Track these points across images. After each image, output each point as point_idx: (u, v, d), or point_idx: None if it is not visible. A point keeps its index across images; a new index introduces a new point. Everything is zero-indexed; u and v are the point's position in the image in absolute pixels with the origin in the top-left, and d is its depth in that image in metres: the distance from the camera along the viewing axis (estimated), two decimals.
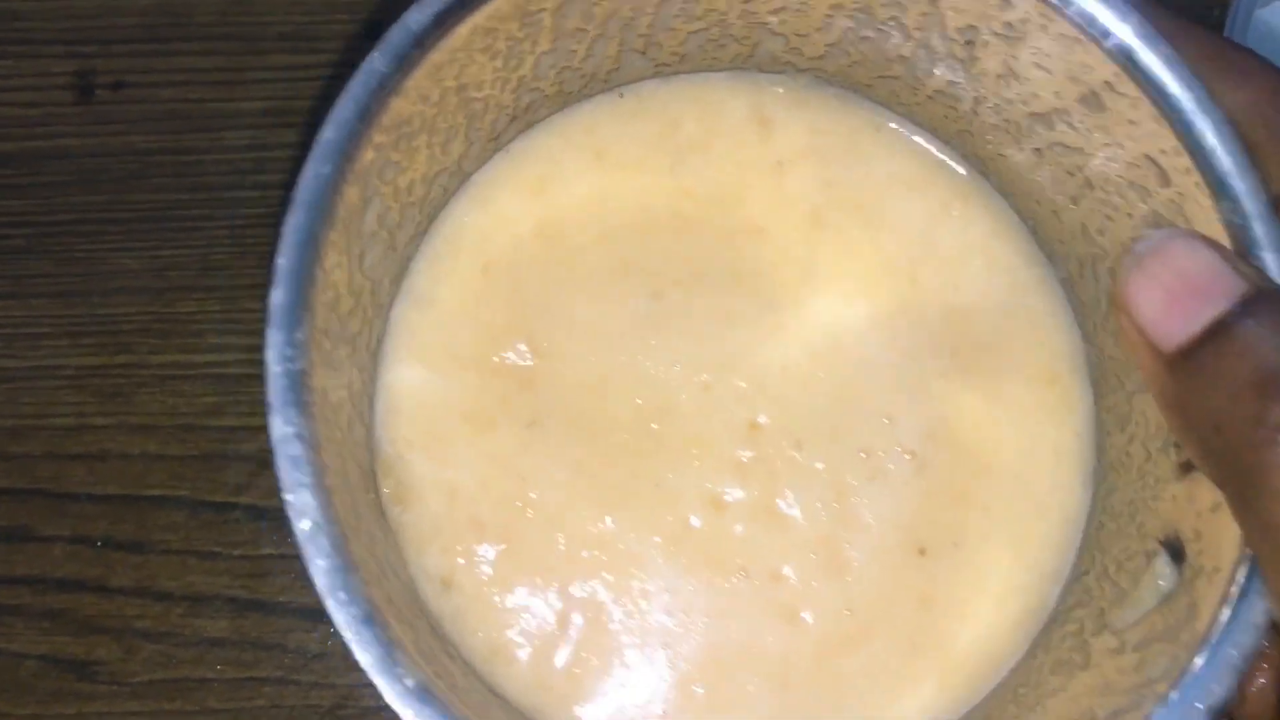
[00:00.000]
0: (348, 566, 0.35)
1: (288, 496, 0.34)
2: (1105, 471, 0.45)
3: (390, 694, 0.34)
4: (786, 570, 0.44)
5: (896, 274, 0.46)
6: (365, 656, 0.34)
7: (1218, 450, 0.34)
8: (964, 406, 0.45)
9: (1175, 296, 0.35)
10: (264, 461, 0.58)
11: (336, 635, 0.53)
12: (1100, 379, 0.45)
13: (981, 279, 0.46)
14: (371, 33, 0.59)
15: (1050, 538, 0.45)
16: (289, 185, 0.58)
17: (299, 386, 0.35)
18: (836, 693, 0.44)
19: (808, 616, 0.44)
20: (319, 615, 0.54)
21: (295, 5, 0.62)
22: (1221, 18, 0.60)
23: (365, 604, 0.35)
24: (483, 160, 0.45)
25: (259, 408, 0.55)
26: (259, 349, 0.56)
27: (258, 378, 0.56)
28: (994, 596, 0.45)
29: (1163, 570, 0.40)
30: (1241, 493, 0.34)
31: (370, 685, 0.35)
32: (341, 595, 0.34)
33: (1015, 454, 0.45)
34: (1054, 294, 0.46)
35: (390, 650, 0.35)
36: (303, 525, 0.34)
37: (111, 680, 0.57)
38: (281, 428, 0.35)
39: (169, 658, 0.58)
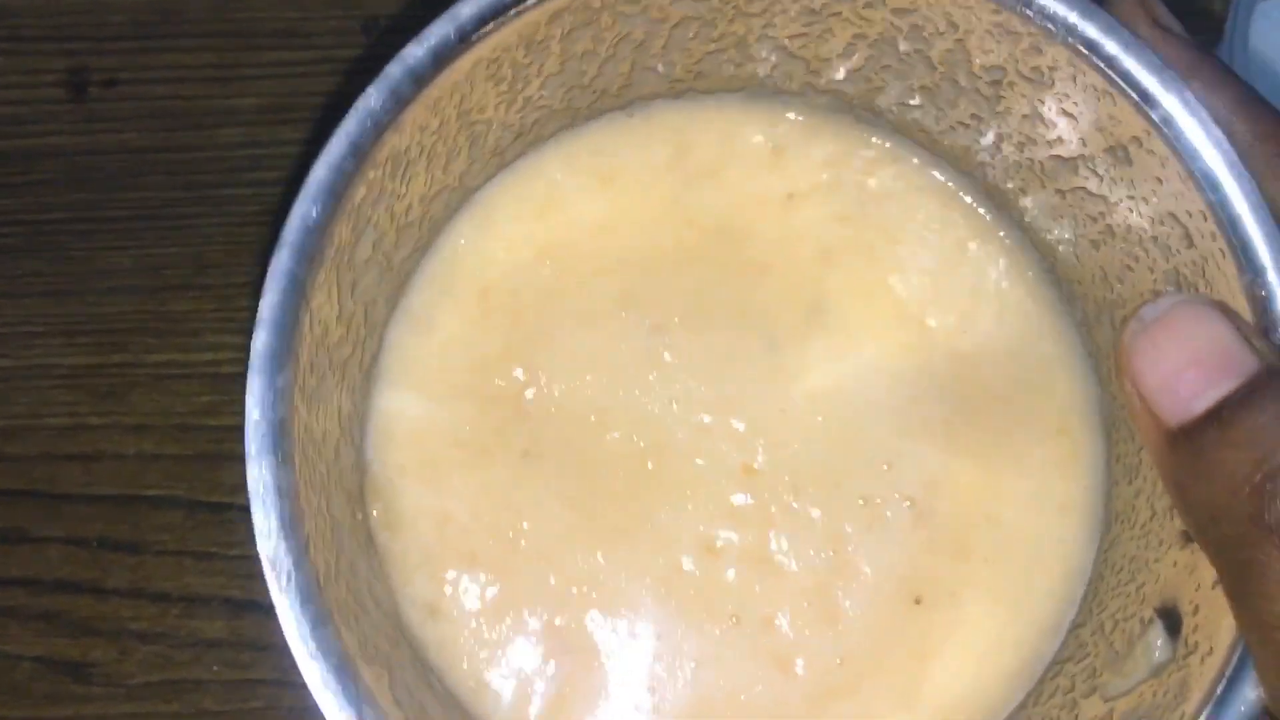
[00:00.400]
0: (320, 618, 0.35)
1: (262, 544, 0.34)
2: (1110, 522, 0.44)
3: None
4: (779, 619, 0.44)
5: (906, 317, 0.45)
6: (331, 706, 0.35)
7: (1214, 538, 0.33)
8: (968, 456, 0.44)
9: (1180, 369, 0.33)
10: None
11: None
12: (1113, 426, 0.45)
13: (994, 323, 0.45)
14: (366, 28, 0.59)
15: (1051, 592, 0.45)
16: (284, 182, 0.58)
17: (279, 434, 0.35)
18: None
19: (799, 666, 0.44)
20: None
21: (288, 1, 0.62)
22: (1224, 13, 0.60)
23: (338, 657, 0.35)
24: (486, 176, 0.44)
25: None
26: None
27: None
28: (989, 650, 0.44)
29: (1157, 640, 0.39)
30: (1235, 585, 0.33)
31: None
32: (312, 645, 0.34)
33: (1019, 506, 0.45)
34: (1069, 340, 0.45)
35: (360, 705, 0.35)
36: (275, 577, 0.34)
37: (107, 682, 0.57)
38: (259, 475, 0.35)
39: (165, 659, 0.57)
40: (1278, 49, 0.60)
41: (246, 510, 0.55)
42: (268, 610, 0.56)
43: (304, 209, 0.35)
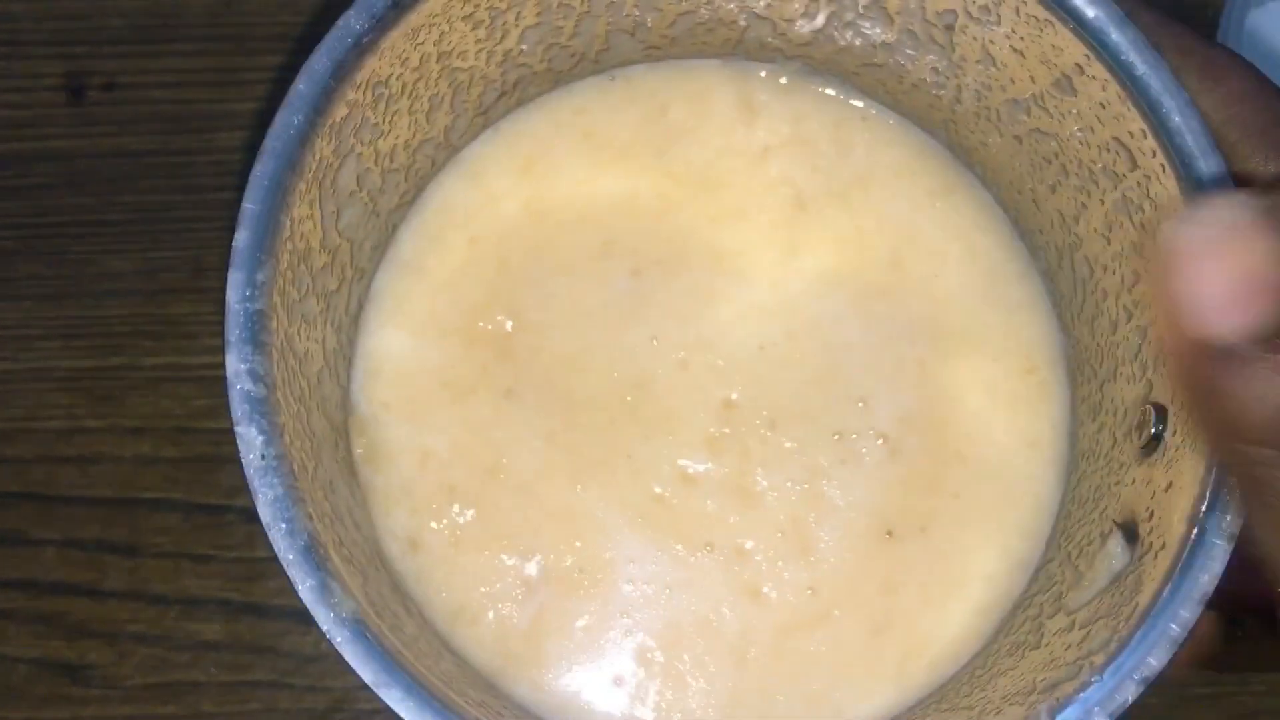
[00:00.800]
0: (293, 499, 0.39)
1: (238, 429, 0.39)
2: (1077, 460, 0.49)
3: (323, 621, 0.39)
4: (750, 546, 0.48)
5: (878, 260, 0.50)
6: (302, 585, 0.39)
7: (1243, 456, 0.34)
8: (940, 393, 0.49)
9: (1242, 287, 0.32)
10: None
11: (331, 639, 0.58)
12: (1075, 370, 0.49)
13: (963, 268, 0.51)
14: None
15: (1022, 526, 0.49)
16: None
17: (257, 326, 0.40)
18: (794, 671, 0.48)
19: (770, 593, 0.48)
20: (313, 619, 0.58)
21: (285, 6, 0.67)
22: (1215, 18, 0.64)
23: (306, 535, 0.39)
24: (472, 135, 0.50)
25: None
26: None
27: None
28: (961, 584, 0.49)
29: (1116, 550, 0.44)
30: (1262, 499, 0.35)
31: (366, 688, 0.39)
32: (284, 526, 0.39)
33: (989, 443, 0.49)
34: (1034, 285, 0.50)
35: (325, 580, 0.39)
36: (250, 457, 0.39)
37: (104, 684, 0.62)
38: (236, 364, 0.40)
39: (162, 661, 0.62)
40: (1269, 51, 0.64)
41: (244, 513, 0.61)
42: (265, 613, 0.61)
43: (285, 118, 0.41)
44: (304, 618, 0.60)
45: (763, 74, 0.51)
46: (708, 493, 0.48)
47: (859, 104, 0.51)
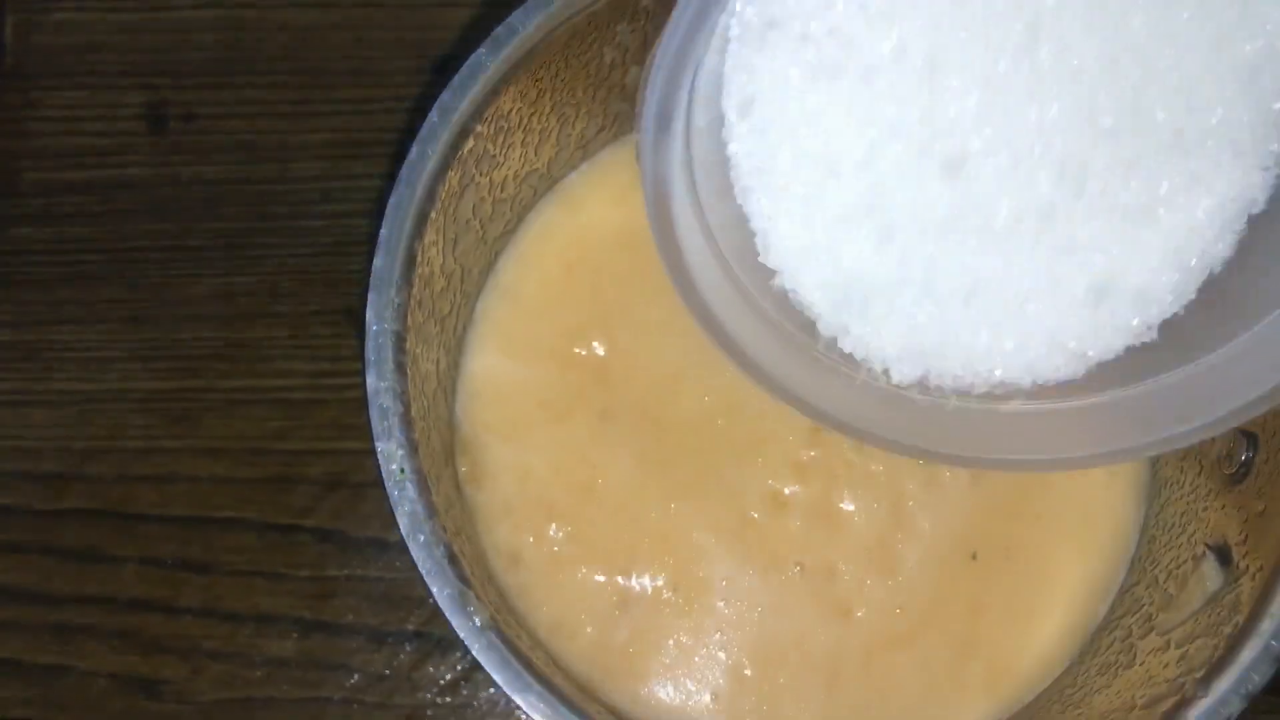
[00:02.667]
0: (430, 511, 0.41)
1: (378, 444, 0.41)
2: (1159, 487, 0.50)
3: (461, 629, 0.40)
4: (841, 567, 0.49)
5: None
6: (441, 594, 0.40)
7: None
8: None
9: None
10: (330, 485, 0.63)
11: (401, 656, 0.59)
12: None
13: None
14: (437, 68, 0.65)
15: (1102, 550, 0.51)
16: (355, 215, 0.64)
17: (394, 346, 0.41)
18: (884, 689, 0.50)
19: (859, 613, 0.49)
20: (384, 636, 0.60)
21: (361, 42, 0.68)
22: None
23: (444, 546, 0.40)
24: (571, 166, 0.52)
25: (324, 432, 0.61)
26: (325, 375, 0.63)
27: (323, 403, 0.62)
28: (1044, 605, 0.50)
29: (1210, 573, 0.45)
30: None
31: (435, 706, 0.40)
32: (421, 537, 0.40)
33: (1068, 472, 0.50)
34: None
35: (462, 590, 0.40)
36: (392, 469, 0.41)
37: (179, 699, 0.63)
38: (376, 382, 0.41)
39: (235, 677, 0.63)
40: None
41: (316, 532, 0.62)
42: (337, 630, 0.62)
43: (419, 150, 0.43)
44: (375, 635, 0.62)
45: None
46: (797, 514, 0.50)
47: None
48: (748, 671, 0.49)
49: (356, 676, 0.62)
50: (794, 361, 0.42)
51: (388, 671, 0.62)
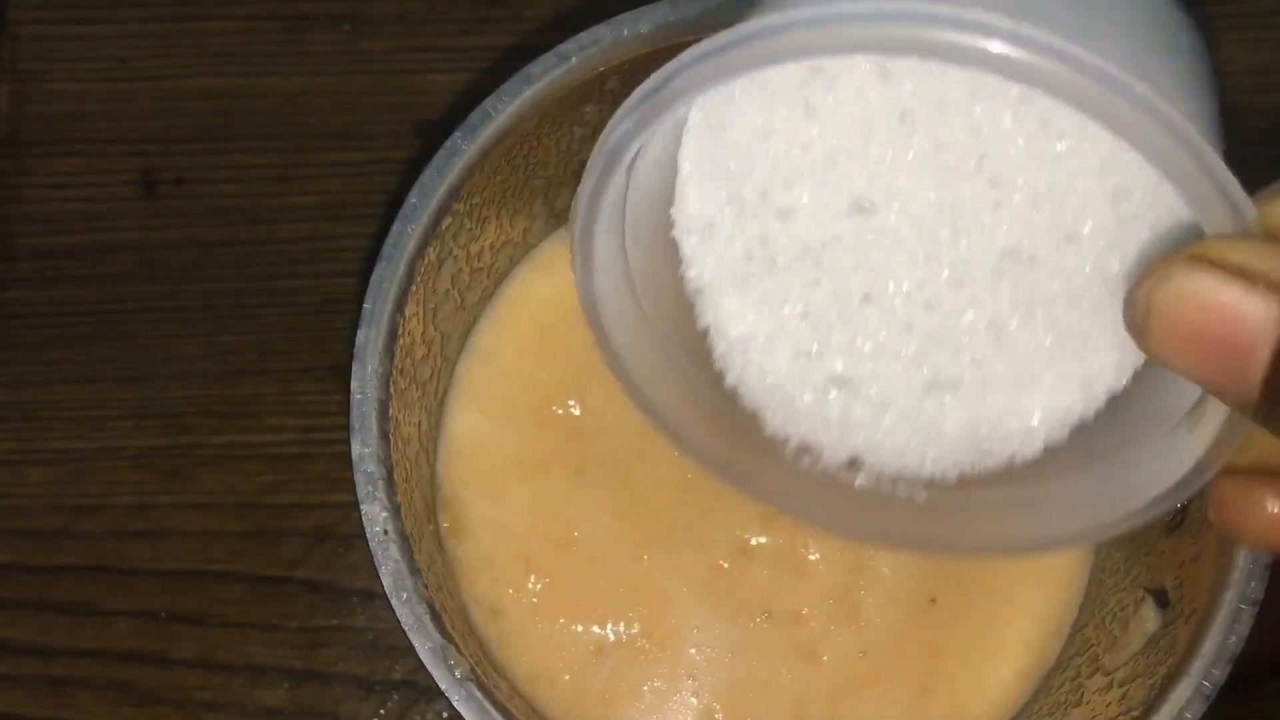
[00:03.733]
0: (412, 569, 0.42)
1: (363, 506, 0.43)
2: None
3: (442, 681, 0.42)
4: (806, 612, 0.51)
5: None
6: (422, 648, 0.42)
7: None
8: None
9: (1214, 362, 0.31)
10: (319, 537, 0.65)
11: (389, 704, 0.60)
12: None
13: None
14: (419, 131, 0.67)
15: (1054, 595, 0.52)
16: (342, 274, 0.66)
17: (378, 414, 0.43)
18: None
19: (825, 657, 0.51)
20: (372, 685, 0.61)
21: (345, 106, 0.70)
22: None
23: (425, 604, 0.42)
24: (546, 233, 0.53)
25: (314, 486, 0.63)
26: (313, 430, 0.64)
27: (313, 457, 0.64)
28: (999, 648, 0.52)
29: (1149, 615, 0.47)
30: None
31: None
32: (404, 595, 0.42)
33: None
34: None
35: (443, 644, 0.42)
36: (376, 530, 0.42)
37: None
38: (360, 448, 0.43)
39: None
40: None
41: (306, 584, 0.64)
42: (327, 679, 0.64)
43: (400, 228, 0.45)
44: (363, 684, 0.63)
45: None
46: (764, 564, 0.51)
47: None
48: (719, 715, 0.51)
49: None
50: (739, 449, 0.43)
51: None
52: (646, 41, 0.48)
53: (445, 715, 0.61)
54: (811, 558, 0.51)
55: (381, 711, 0.63)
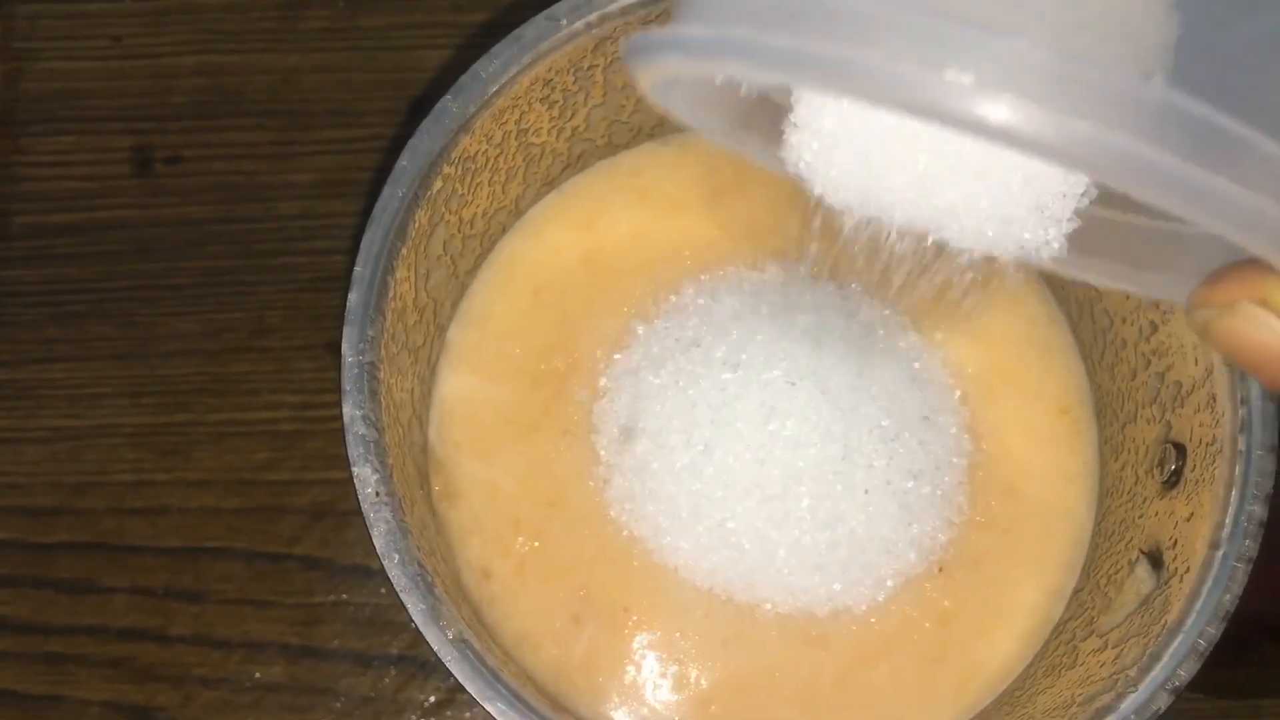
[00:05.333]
0: (403, 531, 0.42)
1: (354, 469, 0.42)
2: (1103, 496, 0.52)
3: (434, 641, 0.42)
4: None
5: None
6: (415, 609, 0.42)
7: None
8: (987, 430, 0.52)
9: (1269, 377, 0.33)
10: (316, 514, 0.65)
11: (386, 680, 0.60)
12: (1101, 410, 0.52)
13: (1004, 313, 0.54)
14: (416, 109, 0.66)
15: (1060, 559, 0.52)
16: (337, 251, 0.66)
17: (369, 376, 0.43)
18: (858, 703, 0.51)
19: (832, 629, 0.50)
20: (369, 660, 0.61)
21: (340, 84, 0.70)
22: None
23: (417, 565, 0.42)
24: (537, 199, 0.53)
25: (310, 463, 0.63)
26: (310, 407, 0.64)
27: (309, 434, 0.64)
28: (1006, 614, 0.52)
29: (1144, 576, 0.47)
30: None
31: None
32: (396, 557, 0.42)
33: (1031, 478, 0.52)
34: (1064, 329, 0.53)
35: (435, 605, 0.42)
36: (367, 492, 0.42)
37: None
38: (352, 410, 0.43)
39: (226, 703, 0.64)
40: None
41: (304, 560, 0.63)
42: (324, 655, 0.64)
43: (391, 190, 0.44)
44: (360, 660, 0.63)
45: None
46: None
47: None
48: (702, 683, 0.50)
49: (343, 700, 0.64)
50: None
51: (373, 695, 0.63)
52: (636, 5, 0.47)
53: (443, 690, 0.61)
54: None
55: (379, 686, 0.63)
